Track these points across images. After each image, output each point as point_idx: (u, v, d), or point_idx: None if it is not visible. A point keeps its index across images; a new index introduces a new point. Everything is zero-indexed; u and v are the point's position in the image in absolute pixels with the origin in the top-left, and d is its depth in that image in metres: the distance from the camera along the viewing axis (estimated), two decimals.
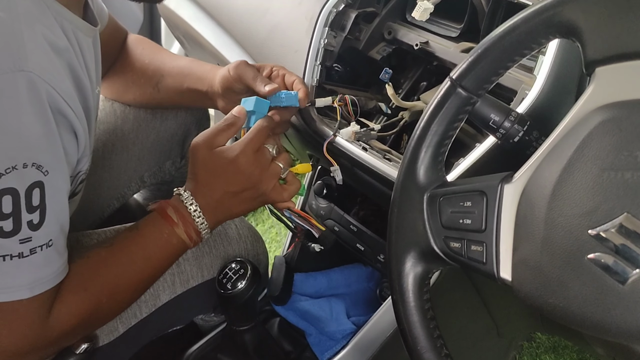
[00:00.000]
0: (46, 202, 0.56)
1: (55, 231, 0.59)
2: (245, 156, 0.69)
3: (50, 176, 0.56)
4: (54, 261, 0.59)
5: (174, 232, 0.68)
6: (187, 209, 0.69)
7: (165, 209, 0.69)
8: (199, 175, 0.70)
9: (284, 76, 0.81)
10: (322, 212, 0.94)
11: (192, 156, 0.71)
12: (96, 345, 0.74)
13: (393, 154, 0.78)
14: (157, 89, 0.92)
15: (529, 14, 0.46)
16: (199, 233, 0.70)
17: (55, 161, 0.58)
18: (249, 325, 0.83)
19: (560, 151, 0.44)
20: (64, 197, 0.61)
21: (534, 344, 1.27)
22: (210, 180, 0.70)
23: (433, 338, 0.50)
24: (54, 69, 0.57)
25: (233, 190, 0.70)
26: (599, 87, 0.43)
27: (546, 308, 0.43)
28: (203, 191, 0.70)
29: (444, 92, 0.51)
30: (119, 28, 0.95)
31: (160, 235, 0.68)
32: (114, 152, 0.98)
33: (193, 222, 0.69)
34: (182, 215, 0.69)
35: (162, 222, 0.69)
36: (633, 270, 0.38)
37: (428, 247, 0.51)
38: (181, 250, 0.71)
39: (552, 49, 0.61)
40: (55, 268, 0.59)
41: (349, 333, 0.84)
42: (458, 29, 0.83)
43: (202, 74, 0.87)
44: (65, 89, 0.58)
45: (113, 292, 0.66)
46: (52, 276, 0.59)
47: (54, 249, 0.59)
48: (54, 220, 0.58)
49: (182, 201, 0.69)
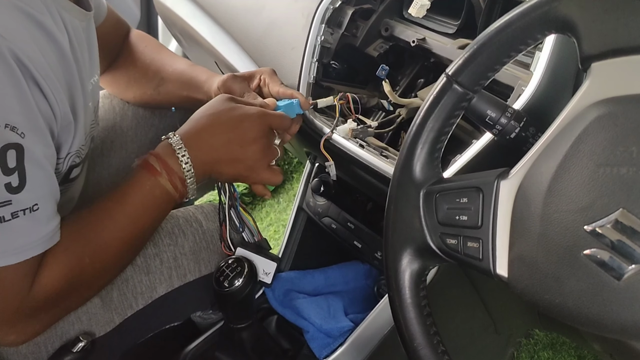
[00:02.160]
0: (25, 165, 0.55)
1: (41, 196, 0.57)
2: (261, 124, 0.70)
3: (28, 139, 0.55)
4: (41, 226, 0.58)
5: (157, 182, 0.66)
6: (175, 152, 0.66)
7: (148, 159, 0.67)
8: (208, 120, 0.69)
9: (269, 86, 0.81)
10: (319, 210, 0.94)
11: (209, 103, 0.70)
12: (93, 337, 0.74)
13: (390, 151, 0.78)
14: (157, 91, 0.93)
15: (525, 9, 0.46)
16: (184, 182, 0.67)
17: (31, 124, 0.56)
18: (246, 323, 0.83)
19: (556, 147, 0.44)
20: (46, 161, 0.59)
21: (532, 341, 1.27)
22: (216, 130, 0.68)
23: (430, 335, 0.50)
24: (21, 32, 0.55)
25: (233, 152, 0.69)
26: (595, 83, 0.43)
27: (542, 304, 0.43)
28: (202, 139, 0.68)
29: (439, 89, 0.51)
30: (121, 22, 0.95)
31: (141, 188, 0.66)
32: (113, 149, 0.98)
33: (180, 169, 0.66)
34: (165, 164, 0.66)
35: (144, 174, 0.66)
36: (629, 265, 0.38)
37: (424, 244, 0.51)
38: (166, 202, 0.68)
39: (548, 45, 0.61)
40: (43, 234, 0.58)
41: (346, 330, 0.84)
42: (455, 25, 0.82)
43: (199, 83, 0.87)
44: (34, 56, 0.56)
45: (95, 251, 0.64)
46: (40, 242, 0.58)
47: (42, 214, 0.57)
48: (37, 185, 0.56)
49: (171, 145, 0.67)
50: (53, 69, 0.60)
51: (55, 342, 0.72)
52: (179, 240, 0.81)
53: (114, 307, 0.75)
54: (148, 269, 0.78)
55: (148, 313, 0.79)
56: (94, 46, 0.75)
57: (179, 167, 0.66)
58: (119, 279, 0.76)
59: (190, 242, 0.81)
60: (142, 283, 0.77)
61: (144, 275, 0.77)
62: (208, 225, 0.85)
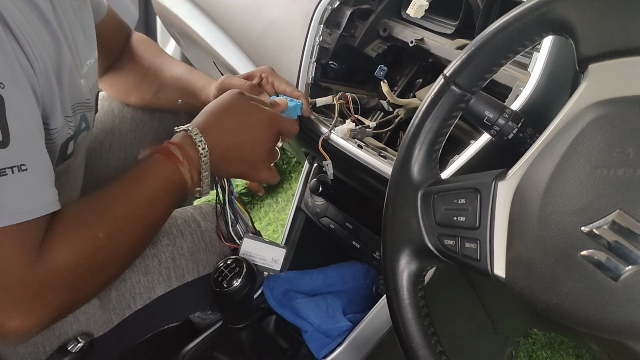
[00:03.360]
0: (7, 118, 0.51)
1: (29, 158, 0.54)
2: (273, 125, 0.71)
3: (8, 91, 0.51)
4: (35, 191, 0.54)
5: (178, 170, 0.65)
6: (196, 145, 0.65)
7: (168, 147, 0.65)
8: (221, 114, 0.69)
9: (273, 83, 0.81)
10: (317, 210, 0.94)
11: (222, 97, 0.70)
12: (91, 337, 0.74)
13: (388, 151, 0.78)
14: (157, 97, 0.93)
15: (522, 10, 0.46)
16: (200, 175, 0.66)
17: (12, 75, 0.53)
18: (245, 323, 0.83)
19: (553, 148, 0.44)
20: (31, 121, 0.55)
21: (530, 340, 1.28)
22: (230, 122, 0.68)
23: (427, 335, 0.50)
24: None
25: (242, 146, 0.69)
26: (592, 84, 0.43)
27: (540, 305, 0.44)
28: (217, 130, 0.67)
29: (437, 90, 0.51)
30: (122, 23, 0.95)
31: (162, 172, 0.64)
32: (112, 151, 0.98)
33: (199, 160, 0.66)
34: (187, 153, 0.65)
35: (165, 160, 0.65)
36: (625, 266, 0.38)
37: (422, 245, 0.51)
38: (181, 191, 0.67)
39: (546, 46, 0.61)
40: (38, 198, 0.54)
41: (345, 330, 0.84)
42: (453, 25, 0.83)
43: (195, 90, 0.87)
44: (11, 10, 0.53)
45: (110, 227, 0.60)
46: (35, 207, 0.54)
47: (33, 177, 0.54)
48: (22, 142, 0.53)
49: (191, 137, 0.66)
50: (31, 25, 0.57)
51: (53, 342, 0.72)
52: (177, 240, 0.81)
53: (112, 307, 0.75)
54: (146, 270, 0.78)
55: (146, 313, 0.79)
56: (89, 29, 0.73)
57: (198, 159, 0.66)
58: (117, 279, 0.76)
59: (188, 242, 0.81)
60: (140, 283, 0.77)
61: (142, 276, 0.77)
62: (206, 226, 0.85)
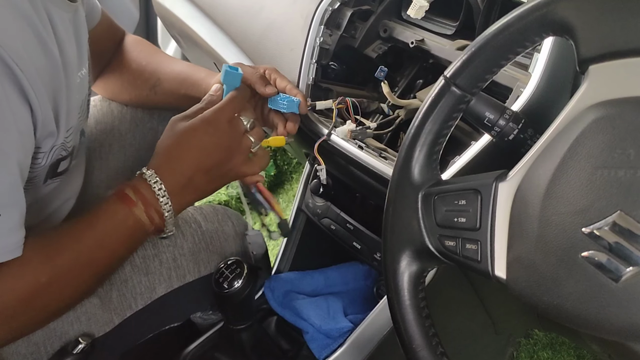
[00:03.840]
0: None
1: (3, 204, 0.53)
2: (217, 123, 0.67)
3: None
4: (1, 237, 0.54)
5: (131, 212, 0.64)
6: (151, 187, 0.65)
7: (123, 189, 0.65)
8: (170, 148, 0.67)
9: (276, 80, 0.81)
10: (318, 211, 0.94)
11: (165, 132, 0.68)
12: (92, 337, 0.74)
13: (389, 152, 0.78)
14: (154, 91, 0.92)
15: (523, 11, 0.46)
16: (162, 215, 0.66)
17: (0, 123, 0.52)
18: (246, 324, 0.83)
19: (553, 149, 0.44)
20: (13, 167, 0.55)
21: (531, 341, 1.28)
22: (181, 153, 0.66)
23: (428, 336, 0.50)
24: (9, 29, 0.53)
25: (205, 164, 0.67)
26: (592, 85, 0.43)
27: (540, 306, 0.44)
28: (172, 167, 0.66)
29: (438, 91, 0.51)
30: (115, 27, 0.95)
31: (114, 215, 0.63)
32: (111, 152, 0.98)
33: (157, 202, 0.65)
34: (142, 196, 0.64)
35: (118, 203, 0.64)
36: (626, 268, 0.38)
37: (423, 246, 0.51)
38: (139, 233, 0.66)
39: (547, 47, 0.61)
40: (2, 244, 0.54)
41: (346, 331, 0.84)
42: (453, 26, 0.83)
43: (197, 80, 0.86)
44: (21, 56, 0.53)
45: (55, 272, 0.60)
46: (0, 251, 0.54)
47: (3, 223, 0.53)
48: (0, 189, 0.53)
49: (145, 179, 0.65)
50: (37, 67, 0.57)
51: (54, 342, 0.72)
52: (178, 241, 0.81)
53: (113, 307, 0.75)
54: (147, 270, 0.78)
55: (147, 313, 0.79)
56: (83, 38, 0.73)
57: (156, 201, 0.65)
58: (118, 279, 0.76)
59: (189, 243, 0.82)
60: (141, 284, 0.77)
61: (143, 276, 0.77)
62: (207, 226, 0.85)
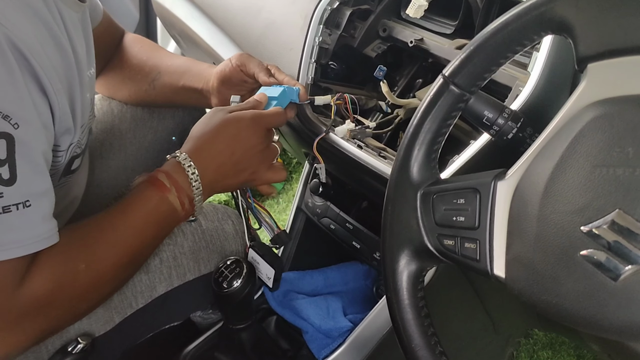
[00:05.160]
0: (16, 157, 0.52)
1: (34, 193, 0.55)
2: (257, 125, 0.70)
3: (21, 131, 0.52)
4: (35, 225, 0.55)
5: (165, 198, 0.65)
6: (185, 171, 0.66)
7: (156, 175, 0.65)
8: (206, 133, 0.68)
9: (275, 73, 0.81)
10: (318, 210, 0.94)
11: (204, 118, 0.70)
12: (93, 336, 0.74)
13: (388, 152, 0.78)
14: (152, 85, 0.92)
15: (521, 10, 0.46)
16: (192, 201, 0.67)
17: (25, 114, 0.54)
18: (245, 324, 0.83)
19: (552, 148, 0.44)
20: (40, 158, 0.57)
21: (531, 341, 1.27)
22: (216, 139, 0.68)
23: (427, 336, 0.50)
24: (24, 24, 0.54)
25: (236, 155, 0.69)
26: (591, 84, 0.43)
27: (540, 305, 0.43)
28: (205, 152, 0.67)
29: (436, 90, 0.51)
30: (115, 26, 0.95)
31: (148, 202, 0.64)
32: (112, 151, 0.98)
33: (189, 186, 0.66)
34: (175, 181, 0.65)
35: (151, 189, 0.65)
36: (625, 266, 0.38)
37: (422, 245, 0.51)
38: (171, 219, 0.67)
39: (546, 45, 0.61)
40: (39, 232, 0.56)
41: (345, 331, 0.84)
42: (452, 25, 0.83)
43: (198, 71, 0.87)
44: (36, 50, 0.55)
45: (92, 258, 0.61)
46: (34, 240, 0.55)
47: (35, 213, 0.55)
48: (29, 180, 0.54)
49: (180, 163, 0.66)
50: (53, 64, 0.58)
51: (55, 341, 0.72)
52: (178, 239, 0.81)
53: (113, 306, 0.75)
54: (147, 268, 0.78)
55: (148, 312, 0.79)
56: (90, 38, 0.74)
57: (188, 185, 0.66)
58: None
59: (189, 241, 0.82)
60: (141, 282, 0.77)
61: (144, 274, 0.77)
62: (207, 225, 0.85)
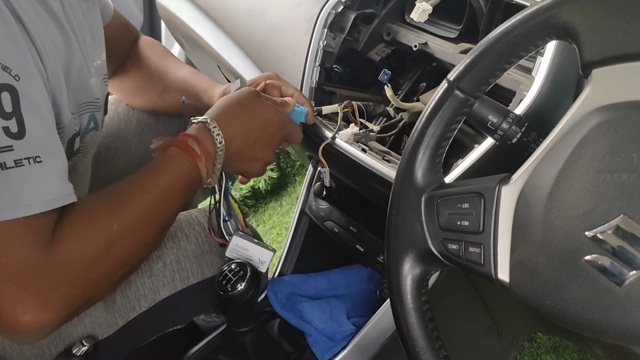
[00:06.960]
0: (22, 110, 0.51)
1: (44, 148, 0.53)
2: (284, 126, 0.73)
3: (23, 83, 0.52)
4: (51, 182, 0.54)
5: (196, 165, 0.63)
6: (214, 139, 0.64)
7: (185, 140, 0.64)
8: (231, 104, 0.68)
9: (280, 88, 0.81)
10: (321, 214, 0.94)
11: (236, 93, 0.71)
12: (96, 340, 0.74)
13: (392, 155, 0.78)
14: (162, 98, 0.94)
15: (526, 15, 0.46)
16: (214, 167, 0.65)
17: (25, 67, 0.53)
18: (249, 327, 0.83)
19: (557, 153, 0.44)
20: (46, 113, 0.55)
21: (534, 344, 1.27)
22: (250, 119, 0.68)
23: (431, 339, 0.50)
24: None
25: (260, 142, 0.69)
26: (596, 89, 0.43)
27: (544, 310, 0.43)
28: (233, 125, 0.66)
29: (441, 94, 0.51)
30: (130, 27, 0.96)
31: (180, 167, 0.63)
32: (117, 155, 0.99)
33: (215, 154, 0.65)
34: (204, 148, 0.64)
35: (183, 155, 0.63)
36: (630, 271, 0.38)
37: (426, 249, 0.51)
38: (196, 184, 0.65)
39: (550, 50, 0.61)
40: (55, 189, 0.54)
41: (349, 334, 0.84)
42: (457, 30, 0.83)
43: (199, 92, 0.88)
44: (26, 8, 0.53)
45: (124, 219, 0.59)
46: (51, 197, 0.53)
47: (49, 169, 0.53)
48: (37, 134, 0.53)
49: (209, 129, 0.65)
50: (43, 23, 0.57)
51: (58, 344, 0.72)
52: (181, 243, 0.81)
53: (116, 309, 0.75)
54: (151, 272, 0.78)
55: (151, 316, 0.79)
56: (98, 30, 0.74)
57: (215, 152, 0.65)
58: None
59: (193, 245, 0.82)
60: (145, 286, 0.77)
61: (147, 278, 0.78)
62: None
